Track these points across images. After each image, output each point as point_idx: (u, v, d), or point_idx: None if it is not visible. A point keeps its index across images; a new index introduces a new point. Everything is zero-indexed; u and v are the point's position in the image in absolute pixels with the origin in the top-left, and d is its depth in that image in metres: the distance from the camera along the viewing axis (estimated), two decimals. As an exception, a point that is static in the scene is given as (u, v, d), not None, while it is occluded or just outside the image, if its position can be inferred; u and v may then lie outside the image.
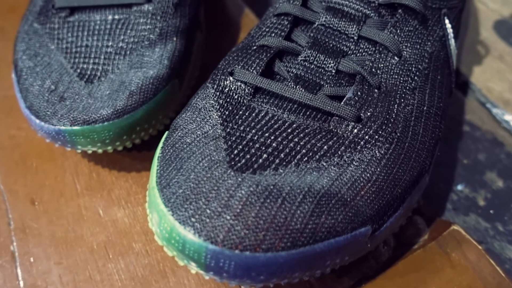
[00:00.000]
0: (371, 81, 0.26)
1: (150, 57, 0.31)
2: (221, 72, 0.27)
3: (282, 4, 0.29)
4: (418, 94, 0.27)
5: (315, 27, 0.28)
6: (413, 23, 0.28)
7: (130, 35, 0.31)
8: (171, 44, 0.32)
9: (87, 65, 0.31)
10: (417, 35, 0.28)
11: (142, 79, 0.29)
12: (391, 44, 0.27)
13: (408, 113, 0.25)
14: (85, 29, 0.32)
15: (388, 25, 0.28)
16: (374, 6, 0.28)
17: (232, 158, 0.22)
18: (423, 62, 0.28)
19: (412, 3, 0.27)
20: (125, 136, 0.29)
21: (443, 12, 0.29)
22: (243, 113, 0.25)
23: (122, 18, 0.32)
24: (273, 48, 0.27)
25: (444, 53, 0.29)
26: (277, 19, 0.29)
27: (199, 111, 0.25)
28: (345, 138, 0.24)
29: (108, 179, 0.33)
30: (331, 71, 0.27)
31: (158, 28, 0.32)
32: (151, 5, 0.32)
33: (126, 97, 0.29)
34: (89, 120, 0.28)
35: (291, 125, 0.24)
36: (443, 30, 0.29)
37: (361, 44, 0.28)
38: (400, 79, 0.27)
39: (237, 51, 0.28)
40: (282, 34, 0.28)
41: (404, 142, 0.24)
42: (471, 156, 0.37)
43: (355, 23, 0.28)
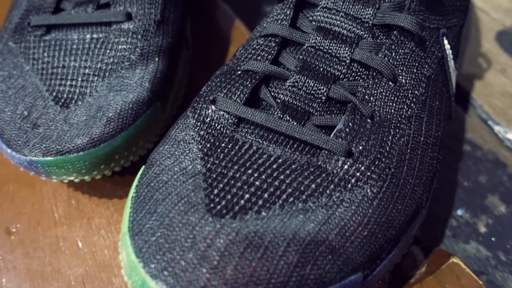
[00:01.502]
0: (364, 111, 0.24)
1: (130, 79, 0.29)
2: (202, 100, 0.25)
3: (269, 24, 0.28)
4: (415, 123, 0.25)
5: (304, 49, 0.26)
6: (409, 45, 0.26)
7: (110, 56, 0.30)
8: (152, 65, 0.30)
9: (64, 88, 0.29)
10: (413, 57, 0.26)
11: (121, 104, 0.28)
12: (386, 69, 0.25)
13: (404, 145, 0.24)
14: (62, 49, 0.30)
15: (382, 47, 0.26)
16: (368, 26, 0.27)
17: (211, 200, 0.21)
18: (420, 87, 0.26)
19: (408, 25, 0.25)
20: (102, 165, 0.27)
21: (441, 32, 0.27)
22: (226, 145, 0.23)
23: (101, 37, 0.30)
24: (259, 74, 0.25)
25: (443, 76, 0.27)
26: (264, 40, 0.27)
27: (178, 143, 0.23)
28: (334, 175, 0.22)
29: (88, 206, 0.31)
30: (321, 98, 0.25)
31: (139, 48, 0.30)
32: (132, 23, 0.30)
33: (103, 125, 0.27)
34: (62, 150, 0.26)
35: (277, 160, 0.23)
36: (441, 51, 0.27)
37: (354, 68, 0.26)
38: (395, 106, 0.25)
39: (221, 75, 0.26)
40: (268, 57, 0.26)
41: (398, 178, 0.23)
42: (472, 178, 0.35)
43: (347, 45, 0.26)
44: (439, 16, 0.27)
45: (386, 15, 0.26)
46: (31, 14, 0.32)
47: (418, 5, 0.26)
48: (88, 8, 0.31)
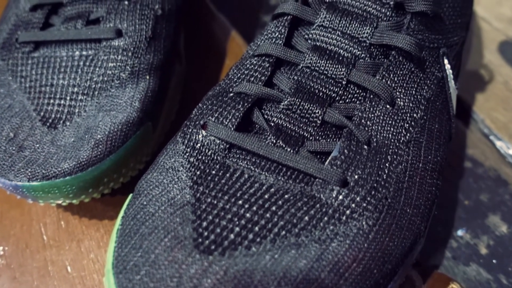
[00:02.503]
0: (360, 137, 0.23)
1: (120, 98, 0.28)
2: (193, 124, 0.24)
3: (263, 42, 0.27)
4: (413, 148, 0.24)
5: (299, 69, 0.26)
6: (408, 66, 0.25)
7: (99, 74, 0.29)
8: (143, 83, 0.29)
9: (52, 107, 0.28)
10: (412, 79, 0.25)
11: (110, 125, 0.27)
12: (383, 92, 0.24)
13: (401, 172, 0.23)
14: (50, 66, 0.29)
15: (380, 68, 0.25)
16: (365, 46, 0.26)
17: (199, 234, 0.20)
18: (419, 109, 0.25)
19: (406, 46, 0.24)
20: (90, 189, 0.27)
21: (441, 51, 0.26)
22: (216, 173, 0.22)
23: (90, 54, 0.29)
24: (251, 96, 0.24)
25: (443, 97, 0.26)
26: (258, 60, 0.26)
27: (166, 171, 0.23)
28: (328, 206, 0.21)
29: (77, 228, 0.30)
30: (316, 122, 0.24)
31: (129, 66, 0.29)
32: (122, 40, 0.29)
33: (91, 148, 0.26)
34: (48, 175, 0.25)
35: (269, 190, 0.22)
36: (441, 71, 0.26)
37: (350, 90, 0.25)
38: (392, 131, 0.24)
39: (212, 97, 0.25)
40: (262, 78, 0.25)
41: (395, 209, 0.22)
42: (473, 196, 0.34)
43: (343, 66, 0.25)
44: (439, 35, 0.26)
45: (384, 34, 0.25)
46: (19, 29, 0.31)
47: (417, 24, 0.25)
48: (77, 23, 0.30)
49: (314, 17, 0.27)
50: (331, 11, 0.26)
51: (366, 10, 0.26)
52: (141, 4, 0.31)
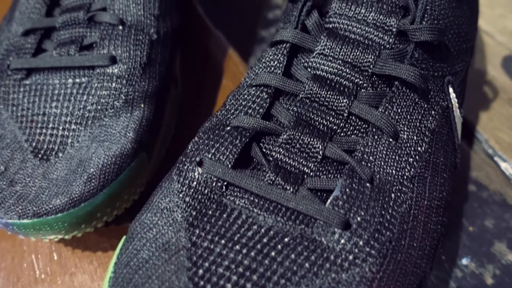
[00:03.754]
0: (362, 174, 0.22)
1: (114, 128, 0.27)
2: (189, 161, 0.23)
3: (261, 71, 0.26)
4: (417, 184, 0.23)
5: (299, 100, 0.25)
6: (412, 97, 0.24)
7: (92, 102, 0.28)
8: (138, 112, 0.28)
9: (44, 137, 0.27)
10: (416, 109, 0.24)
11: (103, 158, 0.26)
12: (386, 126, 0.23)
13: (406, 212, 0.22)
14: (42, 94, 0.29)
15: (383, 100, 0.24)
16: (367, 75, 0.25)
17: (195, 283, 0.19)
18: (423, 142, 0.24)
19: (410, 78, 0.24)
20: (83, 224, 0.26)
21: (446, 80, 0.26)
22: (213, 213, 0.22)
23: (83, 82, 0.28)
24: (249, 130, 0.24)
25: (448, 128, 0.25)
26: (256, 90, 0.25)
27: (161, 212, 0.22)
28: (330, 251, 0.20)
29: (70, 260, 0.29)
30: (316, 157, 0.23)
31: (124, 94, 0.28)
32: (116, 67, 0.28)
33: (84, 182, 0.25)
34: (40, 212, 0.24)
35: (268, 233, 0.21)
36: (446, 100, 0.25)
37: (352, 121, 0.24)
38: (396, 166, 0.23)
39: (209, 131, 0.24)
40: (260, 110, 0.24)
41: (400, 252, 0.21)
42: (478, 222, 0.33)
43: (345, 97, 0.24)
44: (444, 63, 0.26)
45: (387, 64, 0.24)
46: (11, 55, 0.30)
47: (421, 53, 0.25)
48: (70, 49, 0.29)
49: (314, 45, 0.26)
50: (332, 38, 0.26)
51: (368, 37, 0.26)
52: (136, 29, 0.30)
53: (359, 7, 0.26)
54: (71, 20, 0.30)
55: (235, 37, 0.43)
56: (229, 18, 0.46)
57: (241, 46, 0.43)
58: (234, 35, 0.44)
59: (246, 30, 0.46)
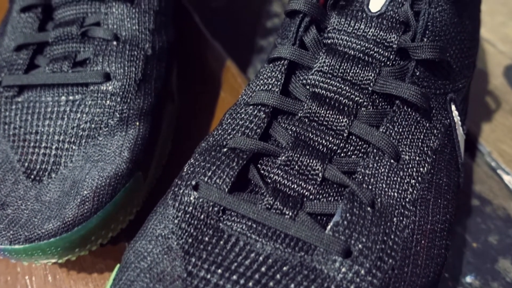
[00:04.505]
0: (363, 198, 0.21)
1: (108, 148, 0.27)
2: (184, 184, 0.22)
3: (258, 89, 0.25)
4: (420, 207, 0.22)
5: (297, 119, 0.24)
6: (414, 116, 0.24)
7: (86, 120, 0.27)
8: (133, 130, 0.27)
9: (37, 157, 0.27)
10: (418, 129, 0.24)
11: (97, 179, 0.25)
12: (387, 147, 0.23)
13: (408, 237, 0.21)
14: (35, 112, 0.28)
15: (384, 120, 0.23)
16: (367, 93, 0.24)
17: (191, 316, 0.18)
18: (426, 163, 0.23)
19: (411, 97, 0.23)
20: (77, 248, 0.25)
21: (448, 97, 0.25)
22: (210, 239, 0.21)
23: (77, 99, 0.28)
24: (247, 152, 0.23)
25: (451, 146, 0.25)
26: (253, 110, 0.25)
27: (156, 239, 0.21)
28: (331, 280, 0.20)
29: (65, 282, 0.29)
30: (316, 180, 0.22)
31: (118, 112, 0.27)
32: (110, 84, 0.28)
33: (77, 205, 0.24)
34: (31, 237, 0.24)
35: (266, 261, 0.20)
36: (449, 118, 0.25)
37: (352, 142, 0.24)
38: (398, 189, 0.22)
39: (205, 152, 0.24)
40: (257, 131, 0.24)
41: (403, 280, 0.20)
42: (481, 238, 0.32)
43: (344, 116, 0.24)
44: (446, 80, 0.25)
45: (387, 82, 0.24)
46: (3, 71, 0.29)
47: (423, 71, 0.24)
48: (63, 65, 0.29)
49: (312, 62, 0.25)
50: (331, 55, 0.25)
51: (368, 54, 0.25)
52: (130, 44, 0.29)
53: (358, 22, 0.25)
54: (64, 35, 0.30)
55: (233, 47, 0.43)
56: (227, 27, 0.45)
57: (240, 55, 0.43)
58: (232, 45, 0.43)
59: (244, 39, 0.45)
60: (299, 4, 0.25)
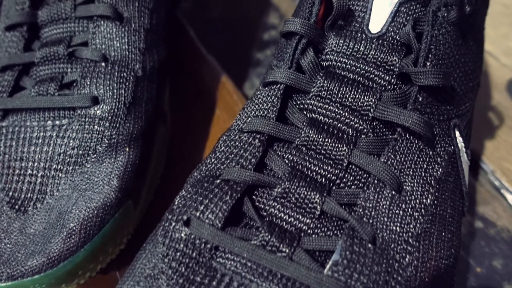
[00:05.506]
0: (364, 234, 0.20)
1: (96, 175, 0.25)
2: (175, 219, 0.21)
3: (253, 117, 0.24)
4: (423, 242, 0.21)
5: (294, 147, 0.23)
6: (416, 144, 0.23)
7: (73, 146, 0.26)
8: (122, 157, 0.26)
9: (22, 186, 0.25)
10: (421, 157, 0.23)
11: (85, 210, 0.24)
12: (389, 178, 0.21)
13: (412, 276, 0.20)
14: (20, 138, 0.27)
15: (385, 149, 0.22)
16: (368, 119, 0.23)
17: None
18: (429, 193, 0.22)
19: (414, 126, 0.22)
20: (63, 284, 0.24)
21: (452, 123, 0.24)
22: (202, 279, 0.20)
23: (64, 124, 0.27)
24: (241, 184, 0.22)
25: (455, 174, 0.24)
26: (248, 137, 0.23)
27: (145, 279, 0.20)
28: (330, 325, 0.18)
29: (53, 314, 0.27)
30: (314, 213, 0.21)
31: (107, 137, 0.26)
32: (99, 108, 0.27)
33: (63, 239, 0.23)
34: (14, 274, 0.23)
35: (261, 304, 0.19)
36: (452, 145, 0.24)
37: (352, 171, 0.22)
38: (400, 223, 0.21)
39: (197, 184, 0.22)
40: (252, 160, 0.23)
41: (406, 324, 0.19)
42: (485, 262, 0.31)
43: (344, 144, 0.22)
44: (450, 106, 0.24)
45: (388, 109, 0.23)
46: (-13, 93, 0.28)
47: (425, 96, 0.23)
48: (50, 87, 0.27)
49: (309, 86, 0.24)
50: (329, 79, 0.24)
51: (368, 77, 0.24)
52: (120, 65, 0.28)
53: (357, 44, 0.24)
54: (50, 55, 0.28)
55: (229, 60, 0.41)
56: (223, 40, 0.44)
57: (236, 69, 0.42)
58: (228, 58, 0.42)
59: (241, 53, 0.44)
60: (295, 26, 0.24)
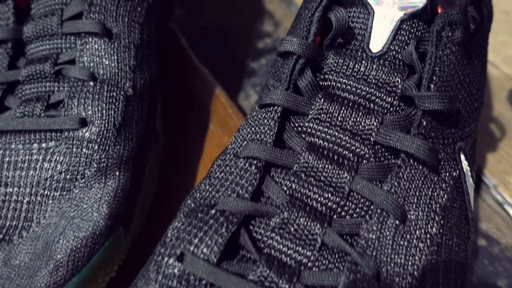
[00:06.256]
0: (367, 269, 0.19)
1: (85, 202, 0.24)
2: (167, 253, 0.20)
3: (249, 142, 0.23)
4: (429, 274, 0.20)
5: (293, 174, 0.22)
6: (421, 170, 0.21)
7: (61, 171, 0.25)
8: (112, 181, 0.25)
9: (6, 212, 0.24)
10: (426, 184, 0.22)
11: (73, 240, 0.23)
12: (392, 207, 0.20)
13: (417, 314, 0.19)
14: (4, 161, 0.25)
15: (388, 176, 0.21)
16: (369, 144, 0.22)
17: None
18: (435, 222, 0.21)
19: (419, 153, 0.21)
20: (50, 319, 0.23)
21: (457, 146, 0.23)
22: (196, 320, 0.19)
23: (50, 147, 0.25)
24: (237, 215, 0.21)
25: (460, 200, 0.23)
26: (244, 163, 0.22)
27: (136, 320, 0.19)
28: None
29: None
30: (314, 245, 0.20)
31: (96, 161, 0.25)
32: (87, 130, 0.25)
33: (49, 272, 0.22)
34: (-2, 311, 0.21)
35: None
36: (458, 169, 0.23)
37: (354, 200, 0.21)
38: (405, 254, 0.20)
39: (191, 214, 0.21)
40: (249, 189, 0.21)
41: None
42: (489, 282, 0.30)
43: (345, 171, 0.21)
44: (455, 128, 0.23)
45: (391, 134, 0.21)
46: (-30, 114, 0.27)
47: (430, 120, 0.22)
48: (36, 108, 0.26)
49: (308, 108, 0.23)
50: (328, 101, 0.23)
51: (369, 99, 0.23)
52: (109, 84, 0.27)
53: (358, 64, 0.23)
54: (36, 74, 0.27)
55: (223, 70, 0.40)
56: (216, 48, 0.43)
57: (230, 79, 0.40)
58: (221, 68, 0.41)
59: (235, 62, 0.43)
60: (292, 45, 0.23)
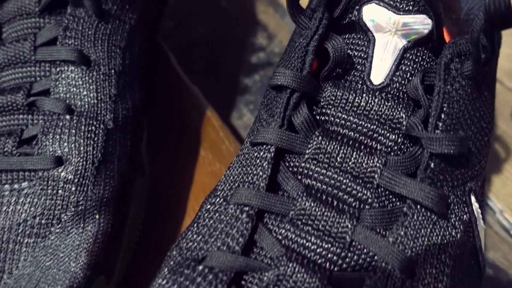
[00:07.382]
0: (372, 335, 0.17)
1: (61, 250, 0.22)
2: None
3: (240, 186, 0.21)
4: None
5: (288, 221, 0.20)
6: (429, 217, 0.20)
7: (35, 215, 0.23)
8: (91, 226, 0.23)
9: (-25, 262, 0.22)
10: (435, 232, 0.20)
11: (47, 295, 0.21)
12: (398, 262, 0.19)
13: None
14: (-27, 205, 0.23)
15: (393, 225, 0.19)
16: (372, 187, 0.20)
17: None
18: (444, 276, 0.19)
19: (426, 201, 0.19)
20: None
21: (467, 188, 0.21)
22: None
23: (23, 188, 0.23)
24: (227, 273, 0.19)
25: (471, 246, 0.21)
26: (235, 210, 0.20)
27: None
28: None
29: None
30: (312, 305, 0.18)
31: (73, 204, 0.23)
32: (63, 169, 0.23)
33: (21, 335, 0.20)
34: None
35: None
36: (468, 213, 0.21)
37: (356, 250, 0.19)
38: (412, 314, 0.18)
39: (176, 269, 0.19)
40: (240, 240, 0.19)
41: None
42: (497, 318, 0.29)
43: (346, 219, 0.19)
44: (465, 168, 0.21)
45: (395, 178, 0.20)
46: None
47: (438, 163, 0.20)
48: (7, 144, 0.24)
49: (304, 147, 0.21)
50: (326, 139, 0.21)
51: (371, 136, 0.21)
52: (87, 118, 0.24)
53: (358, 97, 0.21)
54: (7, 105, 0.25)
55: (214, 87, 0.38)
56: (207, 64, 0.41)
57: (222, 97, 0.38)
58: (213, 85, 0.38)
59: (227, 78, 0.41)
60: (286, 78, 0.21)
